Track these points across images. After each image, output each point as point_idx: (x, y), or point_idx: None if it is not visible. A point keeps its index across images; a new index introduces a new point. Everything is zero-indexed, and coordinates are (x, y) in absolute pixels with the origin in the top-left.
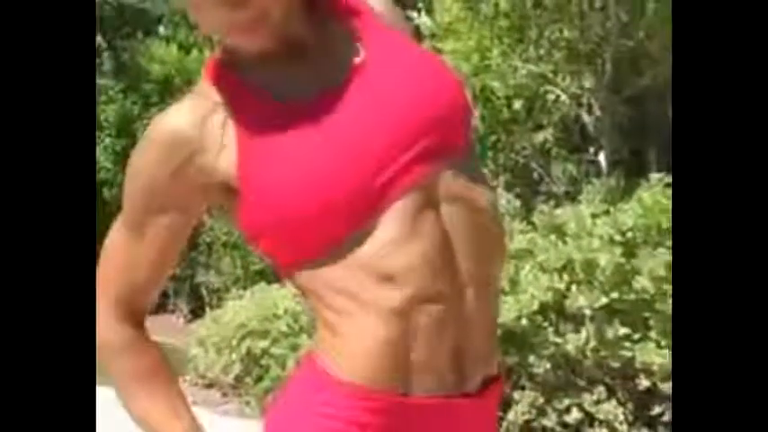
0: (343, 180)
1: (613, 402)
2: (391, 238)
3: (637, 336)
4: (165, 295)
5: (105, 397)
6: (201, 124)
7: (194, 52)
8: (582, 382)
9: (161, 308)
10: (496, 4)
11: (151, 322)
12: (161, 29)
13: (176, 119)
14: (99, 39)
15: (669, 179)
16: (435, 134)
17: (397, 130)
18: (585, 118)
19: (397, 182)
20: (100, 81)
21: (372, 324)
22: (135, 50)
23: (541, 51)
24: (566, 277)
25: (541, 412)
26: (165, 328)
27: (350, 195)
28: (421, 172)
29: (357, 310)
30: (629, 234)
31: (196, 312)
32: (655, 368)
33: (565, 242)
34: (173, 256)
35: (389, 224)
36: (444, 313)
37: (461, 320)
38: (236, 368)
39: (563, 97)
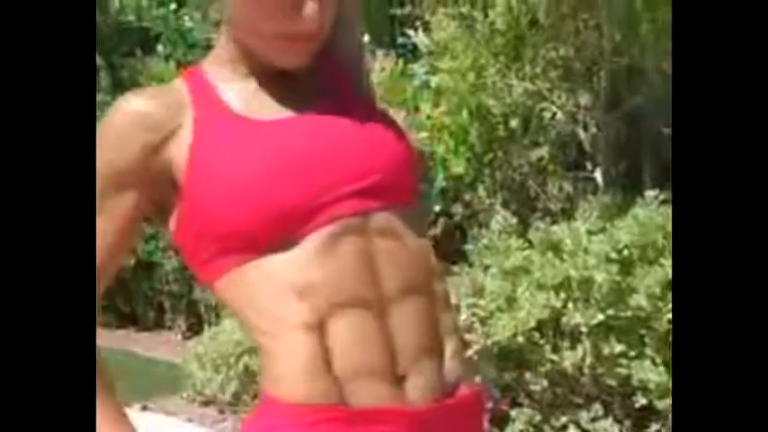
0: (274, 200)
1: (610, 420)
2: (308, 257)
3: (633, 353)
4: (162, 311)
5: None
6: (175, 110)
7: None
8: (579, 400)
9: (158, 324)
10: (492, 23)
11: (148, 338)
12: (159, 47)
13: (149, 102)
14: (97, 57)
15: (664, 196)
16: (375, 179)
17: (337, 166)
18: (581, 135)
19: (326, 210)
20: (98, 97)
21: (294, 340)
22: (133, 68)
23: (537, 69)
24: (562, 294)
25: (539, 430)
26: (163, 345)
27: (278, 213)
28: (353, 206)
29: (278, 329)
30: (625, 251)
31: (194, 329)
32: (651, 386)
33: (561, 259)
34: (122, 245)
35: (310, 244)
36: (363, 321)
37: (389, 331)
38: (234, 385)
39: (559, 115)
